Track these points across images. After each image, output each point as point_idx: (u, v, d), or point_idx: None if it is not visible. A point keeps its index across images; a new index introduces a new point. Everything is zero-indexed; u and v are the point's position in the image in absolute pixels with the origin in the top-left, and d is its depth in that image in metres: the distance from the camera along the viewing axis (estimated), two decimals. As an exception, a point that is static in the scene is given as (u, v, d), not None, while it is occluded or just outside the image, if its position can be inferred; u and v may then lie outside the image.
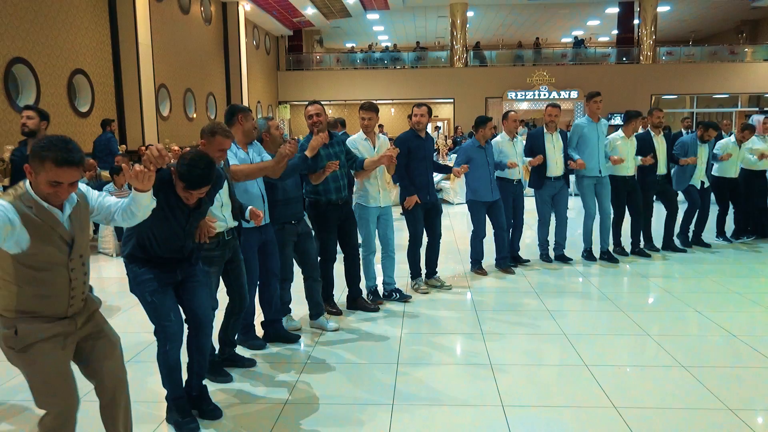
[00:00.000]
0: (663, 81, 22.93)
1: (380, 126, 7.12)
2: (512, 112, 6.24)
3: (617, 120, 19.13)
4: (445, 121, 27.08)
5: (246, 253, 3.81)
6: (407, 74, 24.54)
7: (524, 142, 6.55)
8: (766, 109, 21.79)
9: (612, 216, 6.65)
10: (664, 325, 4.61)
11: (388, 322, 4.72)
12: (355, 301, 5.02)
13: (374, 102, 5.19)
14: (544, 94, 22.88)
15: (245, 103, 19.26)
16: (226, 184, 3.42)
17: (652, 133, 6.77)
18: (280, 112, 24.43)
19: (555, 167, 6.29)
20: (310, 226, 4.59)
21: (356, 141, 4.99)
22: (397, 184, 5.41)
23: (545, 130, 6.31)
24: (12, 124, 9.43)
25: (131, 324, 4.63)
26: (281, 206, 4.14)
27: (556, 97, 22.60)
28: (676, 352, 3.98)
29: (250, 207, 3.62)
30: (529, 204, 6.54)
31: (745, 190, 7.56)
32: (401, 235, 6.07)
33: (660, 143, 6.77)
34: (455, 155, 7.28)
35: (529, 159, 6.24)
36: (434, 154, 6.05)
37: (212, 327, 3.21)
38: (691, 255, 6.95)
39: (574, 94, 22.71)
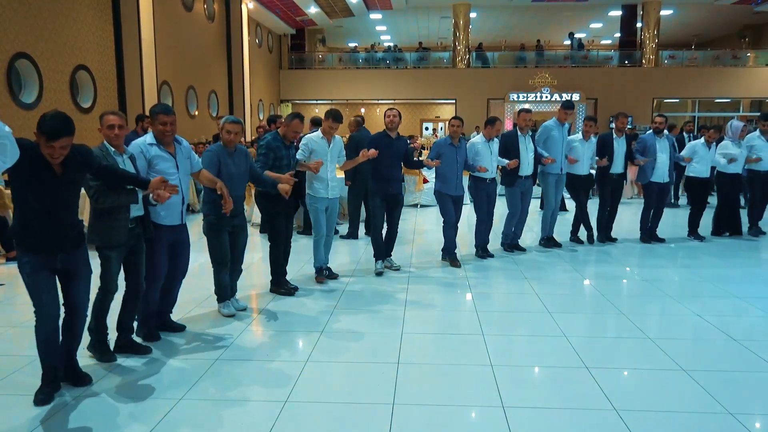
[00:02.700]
0: (665, 84, 22.96)
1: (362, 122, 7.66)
2: (498, 121, 6.67)
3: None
4: (447, 122, 27.05)
5: (155, 247, 4.01)
6: (409, 74, 24.55)
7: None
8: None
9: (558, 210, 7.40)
10: (664, 329, 4.62)
11: (388, 320, 4.72)
12: (275, 284, 5.44)
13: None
14: (546, 96, 22.91)
15: (247, 102, 19.26)
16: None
17: (614, 135, 7.36)
18: (282, 110, 24.42)
19: (526, 167, 6.80)
20: (246, 220, 5.00)
21: (312, 140, 5.52)
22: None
23: (519, 133, 6.77)
24: (15, 120, 9.43)
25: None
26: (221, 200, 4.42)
27: (558, 99, 22.60)
28: (676, 356, 3.98)
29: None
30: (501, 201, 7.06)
31: (719, 192, 8.12)
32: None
33: (619, 145, 7.38)
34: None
35: (507, 162, 6.63)
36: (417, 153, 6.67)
37: (86, 315, 3.49)
38: (691, 256, 6.97)
39: (576, 97, 22.71)
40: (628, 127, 13.36)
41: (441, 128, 28.02)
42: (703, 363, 3.90)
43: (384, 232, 6.24)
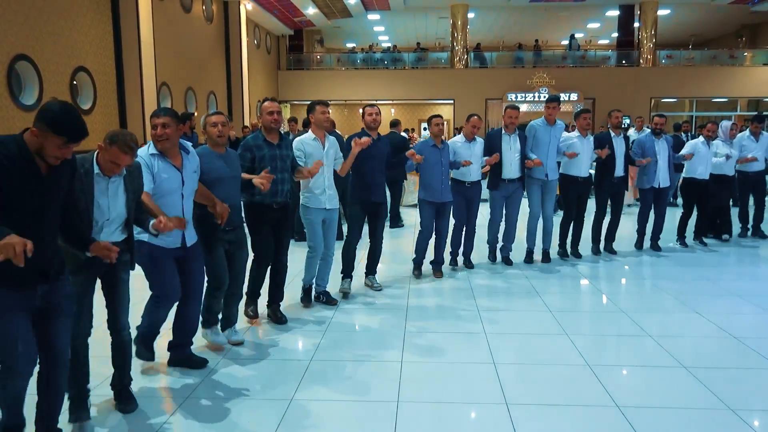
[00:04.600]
0: (663, 84, 23.00)
1: (333, 123, 6.75)
2: (475, 117, 6.10)
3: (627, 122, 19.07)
4: (445, 122, 27.08)
5: (158, 268, 3.44)
6: (407, 75, 24.57)
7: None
8: (765, 113, 21.84)
9: (552, 219, 6.63)
10: (664, 327, 4.65)
11: (392, 318, 4.76)
12: (268, 307, 4.77)
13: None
14: (544, 96, 22.91)
15: (245, 102, 19.27)
16: (123, 198, 2.99)
17: (612, 134, 6.74)
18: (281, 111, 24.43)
19: (510, 169, 6.21)
20: (246, 235, 4.29)
21: (305, 141, 4.84)
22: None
23: (504, 132, 6.23)
24: (15, 121, 9.44)
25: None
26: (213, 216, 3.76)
27: (556, 99, 22.62)
28: (677, 353, 4.01)
29: (154, 220, 3.07)
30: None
31: (713, 192, 7.58)
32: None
33: (618, 145, 6.73)
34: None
35: (486, 158, 6.12)
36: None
37: (68, 365, 2.75)
38: (690, 256, 7.00)
39: (574, 96, 22.76)
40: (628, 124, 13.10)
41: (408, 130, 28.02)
42: (704, 360, 3.94)
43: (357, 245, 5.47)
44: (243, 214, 4.37)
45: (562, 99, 22.57)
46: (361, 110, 5.38)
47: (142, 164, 3.32)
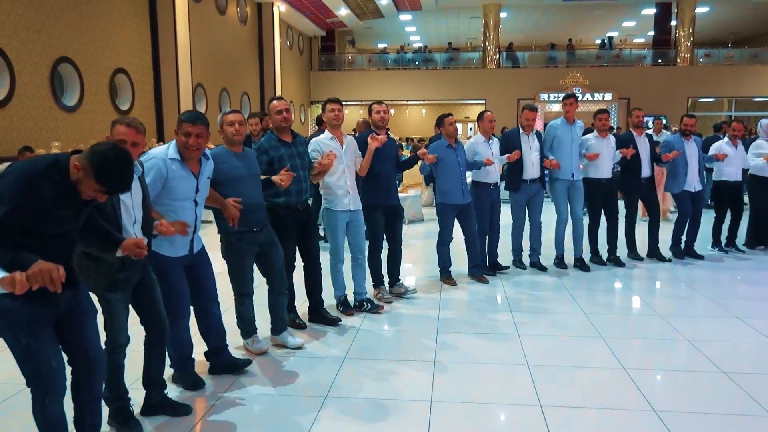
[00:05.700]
0: (700, 83, 22.53)
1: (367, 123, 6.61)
2: (488, 113, 5.89)
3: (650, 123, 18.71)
4: (476, 123, 26.98)
5: (168, 278, 3.24)
6: (439, 75, 24.54)
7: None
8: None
9: (584, 221, 6.38)
10: (703, 331, 4.56)
11: (423, 320, 4.77)
12: (315, 313, 4.67)
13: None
14: (578, 96, 22.64)
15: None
16: (140, 196, 2.91)
17: (634, 134, 6.48)
18: (312, 111, 24.65)
19: (531, 169, 6.03)
20: (275, 234, 4.08)
21: (321, 142, 4.63)
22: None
23: (521, 131, 6.05)
24: (57, 122, 9.73)
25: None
26: (241, 213, 3.63)
27: (590, 99, 22.36)
28: (716, 358, 3.94)
29: (161, 221, 3.01)
30: (507, 209, 6.24)
31: (753, 198, 7.20)
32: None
33: (642, 144, 6.47)
34: None
35: (507, 155, 5.92)
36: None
37: (105, 368, 2.66)
38: (727, 261, 6.84)
39: (608, 96, 22.44)
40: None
41: (470, 129, 27.95)
42: (745, 366, 3.86)
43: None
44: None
45: (596, 99, 22.39)
46: (368, 107, 5.21)
47: (155, 169, 3.18)
